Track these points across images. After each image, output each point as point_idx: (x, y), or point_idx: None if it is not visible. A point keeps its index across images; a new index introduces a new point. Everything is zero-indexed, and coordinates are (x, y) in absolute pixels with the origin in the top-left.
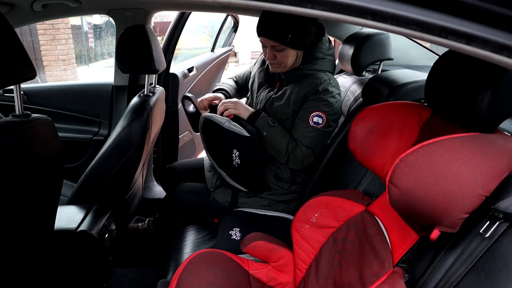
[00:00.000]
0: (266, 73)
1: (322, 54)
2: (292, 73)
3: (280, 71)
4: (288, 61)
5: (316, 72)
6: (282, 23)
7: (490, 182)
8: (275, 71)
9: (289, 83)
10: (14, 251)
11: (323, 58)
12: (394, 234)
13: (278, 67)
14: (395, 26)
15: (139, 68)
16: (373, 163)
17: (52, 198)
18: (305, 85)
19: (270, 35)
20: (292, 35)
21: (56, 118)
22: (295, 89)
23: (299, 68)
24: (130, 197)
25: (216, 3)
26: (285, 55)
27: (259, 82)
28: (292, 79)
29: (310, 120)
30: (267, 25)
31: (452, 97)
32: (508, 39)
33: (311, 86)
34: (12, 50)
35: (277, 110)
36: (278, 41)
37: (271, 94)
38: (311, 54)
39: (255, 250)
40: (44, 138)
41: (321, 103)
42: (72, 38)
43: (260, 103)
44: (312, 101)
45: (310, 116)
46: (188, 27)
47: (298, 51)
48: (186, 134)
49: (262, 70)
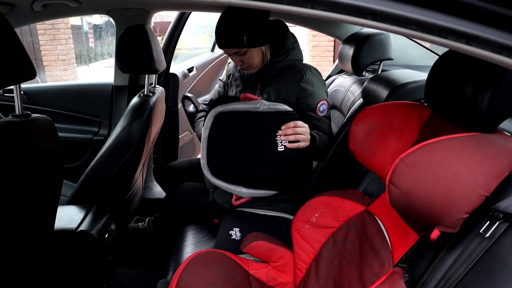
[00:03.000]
0: (242, 79)
1: (291, 44)
2: (268, 69)
3: (254, 71)
4: (255, 60)
5: (293, 62)
6: (234, 28)
7: (490, 182)
8: (249, 72)
9: (269, 80)
10: (14, 251)
11: (294, 48)
12: (394, 234)
13: (250, 69)
14: (395, 26)
15: (139, 68)
16: (373, 163)
17: (52, 198)
18: (289, 79)
19: (227, 44)
20: (247, 36)
21: (56, 118)
22: (281, 85)
23: (273, 61)
24: (130, 197)
25: (216, 3)
26: (249, 57)
27: (239, 90)
28: (270, 74)
29: (318, 112)
30: (222, 35)
31: (452, 97)
32: (508, 39)
33: (296, 80)
34: (12, 50)
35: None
36: (237, 46)
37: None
38: (283, 46)
39: (255, 250)
40: (44, 138)
41: (318, 93)
42: (72, 38)
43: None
44: (309, 98)
45: (317, 110)
46: (188, 27)
47: (262, 48)
48: (186, 134)
49: (236, 78)
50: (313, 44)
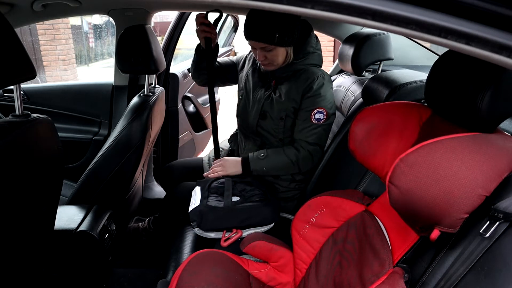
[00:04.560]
0: (259, 73)
1: (312, 48)
2: (285, 69)
3: (273, 69)
4: (279, 59)
5: (309, 66)
6: (267, 24)
7: (490, 182)
8: (268, 69)
9: (284, 80)
10: (14, 251)
11: (314, 52)
12: (394, 234)
13: (270, 66)
14: (395, 26)
15: (139, 68)
16: (373, 163)
17: (52, 198)
18: (301, 81)
19: (258, 38)
20: (279, 34)
21: (56, 118)
22: (292, 85)
23: (292, 63)
24: (130, 197)
25: (216, 3)
26: (275, 54)
27: (253, 82)
28: (286, 75)
29: (312, 118)
30: (253, 28)
31: (452, 97)
32: (508, 39)
33: (308, 82)
34: (12, 50)
35: (276, 108)
36: (267, 42)
37: (269, 93)
38: (303, 49)
39: (255, 250)
40: (44, 138)
41: (319, 99)
42: (72, 38)
43: (258, 103)
44: (311, 98)
45: (312, 114)
46: (188, 27)
47: (287, 48)
48: (186, 134)
49: (254, 69)
50: None
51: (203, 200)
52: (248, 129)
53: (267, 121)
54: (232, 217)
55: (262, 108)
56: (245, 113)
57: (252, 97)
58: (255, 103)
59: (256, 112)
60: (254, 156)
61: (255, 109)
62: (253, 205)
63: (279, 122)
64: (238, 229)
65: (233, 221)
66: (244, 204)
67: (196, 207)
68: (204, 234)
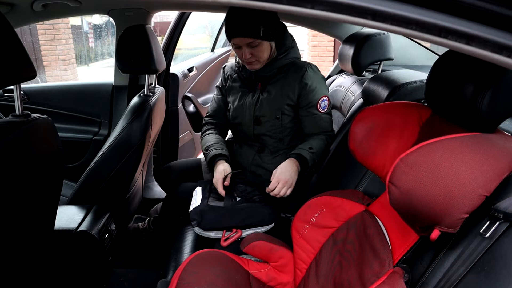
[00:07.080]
0: (241, 80)
1: (291, 43)
2: (270, 68)
3: (258, 68)
4: (264, 55)
5: (293, 60)
6: (251, 18)
7: (490, 182)
8: (253, 68)
9: (269, 79)
10: (14, 251)
11: (293, 47)
12: (394, 234)
13: (256, 63)
14: (395, 26)
15: (139, 68)
16: (373, 163)
17: (52, 198)
18: (290, 76)
19: (243, 33)
20: (264, 27)
21: (56, 118)
22: (283, 82)
23: (275, 59)
24: (130, 197)
25: (216, 3)
26: (260, 50)
27: (238, 89)
28: (272, 73)
29: (319, 108)
30: (238, 25)
31: (452, 97)
32: (508, 39)
33: (298, 75)
34: (12, 50)
35: (268, 109)
36: (253, 37)
37: (257, 96)
38: (284, 44)
39: (255, 250)
40: (44, 138)
41: (318, 90)
42: (72, 38)
43: (249, 110)
44: (310, 94)
45: (318, 106)
46: (188, 27)
47: (271, 43)
48: (186, 134)
49: (234, 79)
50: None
51: (204, 200)
52: (246, 137)
53: (262, 126)
54: (232, 217)
55: (254, 114)
56: (238, 123)
57: (242, 105)
58: (246, 110)
59: (249, 119)
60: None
61: (247, 116)
62: (253, 205)
63: (276, 122)
64: (238, 229)
65: (233, 221)
66: (245, 204)
67: (196, 206)
68: (204, 233)
